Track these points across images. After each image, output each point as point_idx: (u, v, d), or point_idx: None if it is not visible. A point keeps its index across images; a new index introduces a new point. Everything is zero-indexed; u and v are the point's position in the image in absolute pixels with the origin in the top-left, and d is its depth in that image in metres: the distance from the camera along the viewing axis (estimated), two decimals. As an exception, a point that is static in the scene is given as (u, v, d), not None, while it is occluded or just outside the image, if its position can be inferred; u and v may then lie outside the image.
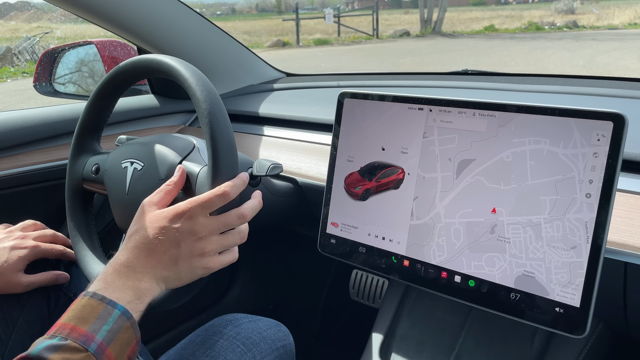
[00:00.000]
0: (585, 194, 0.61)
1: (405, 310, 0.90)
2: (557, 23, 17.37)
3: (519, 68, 8.63)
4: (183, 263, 0.63)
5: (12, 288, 0.79)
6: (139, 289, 0.60)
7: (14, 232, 0.84)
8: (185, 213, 0.63)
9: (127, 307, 0.57)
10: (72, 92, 1.55)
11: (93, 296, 0.57)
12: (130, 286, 0.60)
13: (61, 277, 0.84)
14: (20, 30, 16.08)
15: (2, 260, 0.78)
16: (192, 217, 0.63)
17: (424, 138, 0.74)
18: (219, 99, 0.72)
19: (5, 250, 0.79)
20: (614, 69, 8.11)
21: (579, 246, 0.61)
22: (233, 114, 1.25)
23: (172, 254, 0.63)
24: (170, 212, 0.64)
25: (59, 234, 0.88)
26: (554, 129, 0.63)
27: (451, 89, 1.21)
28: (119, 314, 0.56)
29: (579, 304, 0.61)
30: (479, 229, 0.68)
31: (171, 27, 1.24)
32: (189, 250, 0.63)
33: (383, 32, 17.52)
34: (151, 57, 0.78)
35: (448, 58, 10.76)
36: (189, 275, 0.64)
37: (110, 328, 0.55)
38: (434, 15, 18.06)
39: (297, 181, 0.97)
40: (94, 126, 0.89)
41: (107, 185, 0.84)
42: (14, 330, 0.80)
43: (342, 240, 0.83)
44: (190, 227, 0.63)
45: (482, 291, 0.68)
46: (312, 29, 18.74)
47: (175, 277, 0.64)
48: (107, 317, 0.55)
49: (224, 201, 0.65)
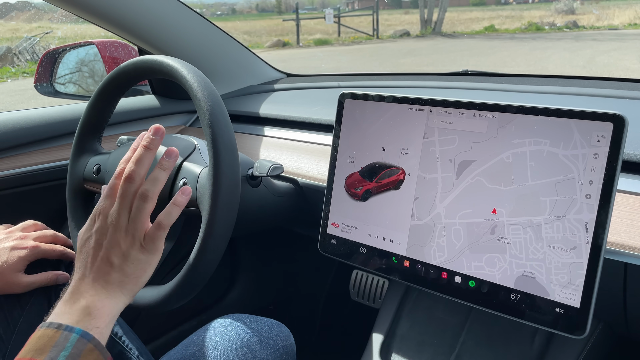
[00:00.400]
0: (585, 194, 0.61)
1: (406, 311, 0.90)
2: (557, 23, 17.37)
3: (519, 68, 8.63)
4: (116, 258, 0.60)
5: (12, 288, 0.79)
6: (90, 307, 0.57)
7: (14, 233, 0.84)
8: (95, 214, 0.62)
9: (85, 328, 0.55)
10: (72, 93, 1.55)
11: (49, 326, 0.54)
12: (81, 307, 0.57)
13: (61, 277, 0.84)
14: (20, 30, 16.08)
15: (2, 260, 0.78)
16: (102, 212, 0.61)
17: (425, 139, 0.74)
18: (220, 100, 0.72)
19: (6, 250, 0.79)
20: (614, 70, 8.11)
21: (579, 247, 0.61)
22: (233, 115, 1.25)
23: (101, 257, 0.60)
24: (87, 223, 0.63)
25: (59, 234, 0.88)
26: (554, 130, 0.63)
27: (451, 89, 1.21)
28: (77, 337, 0.53)
29: (579, 304, 0.61)
30: (479, 229, 0.68)
31: (172, 27, 1.24)
32: (111, 242, 0.60)
33: (383, 33, 17.52)
34: (152, 57, 0.78)
35: (448, 58, 10.76)
36: (133, 265, 0.60)
37: (69, 353, 0.52)
38: (434, 15, 18.06)
39: (298, 182, 0.97)
40: (95, 126, 0.89)
41: (108, 185, 0.84)
42: (14, 330, 0.80)
43: (342, 241, 0.83)
44: (101, 223, 0.61)
45: (483, 292, 0.68)
46: (312, 29, 18.74)
47: (122, 276, 0.60)
48: (65, 343, 0.52)
49: (128, 186, 0.61)
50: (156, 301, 0.74)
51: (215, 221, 0.68)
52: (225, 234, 0.70)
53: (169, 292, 0.72)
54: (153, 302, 0.74)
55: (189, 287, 0.71)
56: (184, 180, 0.75)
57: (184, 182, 0.75)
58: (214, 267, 0.71)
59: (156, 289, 0.75)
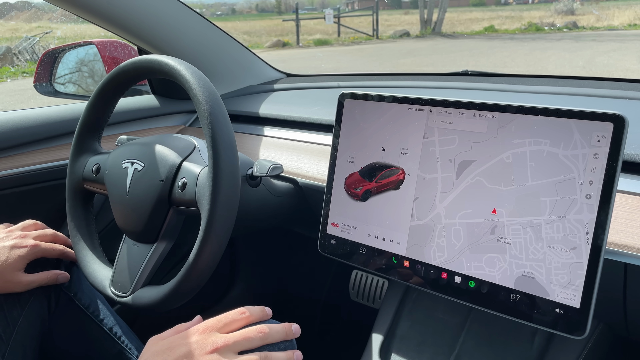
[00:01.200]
0: (585, 195, 0.61)
1: (405, 311, 0.90)
2: (556, 24, 17.37)
3: (519, 69, 8.63)
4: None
5: (12, 287, 0.79)
6: None
7: (14, 232, 0.84)
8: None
9: None
10: (72, 92, 1.55)
11: None
12: None
13: (61, 276, 0.84)
14: (20, 30, 16.08)
15: (2, 259, 0.78)
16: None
17: (425, 139, 0.74)
18: (219, 99, 0.72)
19: (5, 249, 0.79)
20: (613, 70, 8.11)
21: (579, 247, 0.61)
22: (233, 114, 1.25)
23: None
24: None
25: (59, 233, 0.88)
26: (554, 130, 0.63)
27: (451, 89, 1.21)
28: None
29: (579, 304, 0.61)
30: (479, 229, 0.68)
31: (171, 27, 1.24)
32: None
33: (383, 33, 17.52)
34: (152, 57, 0.78)
35: (448, 59, 10.76)
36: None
37: None
38: (433, 15, 18.06)
39: (298, 182, 0.97)
40: (95, 126, 0.89)
41: (108, 185, 0.84)
42: (14, 329, 0.80)
43: (342, 241, 0.83)
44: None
45: (482, 292, 0.68)
46: (312, 29, 18.74)
47: None
48: None
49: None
50: (155, 301, 0.74)
51: (214, 221, 0.68)
52: (225, 234, 0.70)
53: (169, 292, 0.72)
54: (152, 302, 0.74)
55: (188, 287, 0.71)
56: (183, 180, 0.75)
57: (183, 182, 0.75)
58: (214, 267, 0.71)
59: (155, 289, 0.75)
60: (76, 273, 0.90)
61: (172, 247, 0.81)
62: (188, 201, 0.74)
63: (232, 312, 0.65)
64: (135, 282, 0.77)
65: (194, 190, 0.74)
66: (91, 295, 0.90)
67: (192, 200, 0.74)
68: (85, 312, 0.88)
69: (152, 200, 0.77)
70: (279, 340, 0.65)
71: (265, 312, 0.67)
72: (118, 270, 0.80)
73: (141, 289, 0.77)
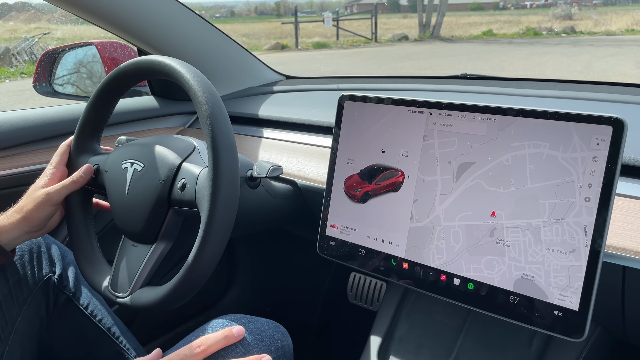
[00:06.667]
0: (584, 197, 0.61)
1: (404, 313, 0.90)
2: (554, 29, 17.43)
3: (517, 73, 8.65)
4: None
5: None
6: None
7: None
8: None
9: None
10: (71, 93, 1.55)
11: None
12: None
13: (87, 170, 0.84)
14: (19, 30, 16.06)
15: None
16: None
17: (424, 141, 0.74)
18: (220, 101, 0.72)
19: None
20: (611, 75, 8.14)
21: (577, 250, 0.61)
22: (233, 116, 1.25)
23: None
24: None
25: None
26: (554, 133, 0.63)
27: (450, 92, 1.21)
28: None
29: (578, 307, 0.61)
30: (479, 232, 0.68)
31: (171, 28, 1.25)
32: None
33: (382, 36, 17.55)
34: (152, 58, 0.78)
35: (446, 62, 10.78)
36: None
37: None
38: (432, 19, 18.10)
39: (297, 183, 0.97)
40: (94, 127, 0.89)
41: (107, 185, 0.84)
42: (13, 329, 0.80)
43: (341, 243, 0.83)
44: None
45: (481, 294, 0.68)
46: (311, 32, 18.76)
47: None
48: None
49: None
50: (154, 302, 0.74)
51: (214, 222, 0.68)
52: (224, 235, 0.70)
53: (167, 293, 0.72)
54: (151, 302, 0.74)
55: (187, 287, 0.71)
56: (183, 181, 0.75)
57: (183, 183, 0.75)
58: (213, 268, 0.71)
59: (154, 290, 0.75)
60: (74, 273, 0.90)
61: (171, 248, 0.81)
62: (187, 202, 0.74)
63: (185, 348, 0.65)
64: (134, 282, 0.77)
65: (193, 191, 0.74)
66: (89, 296, 0.90)
67: (191, 201, 0.74)
68: (84, 312, 0.88)
69: (152, 200, 0.77)
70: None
71: (232, 333, 0.67)
72: (117, 270, 0.80)
73: (140, 290, 0.77)
